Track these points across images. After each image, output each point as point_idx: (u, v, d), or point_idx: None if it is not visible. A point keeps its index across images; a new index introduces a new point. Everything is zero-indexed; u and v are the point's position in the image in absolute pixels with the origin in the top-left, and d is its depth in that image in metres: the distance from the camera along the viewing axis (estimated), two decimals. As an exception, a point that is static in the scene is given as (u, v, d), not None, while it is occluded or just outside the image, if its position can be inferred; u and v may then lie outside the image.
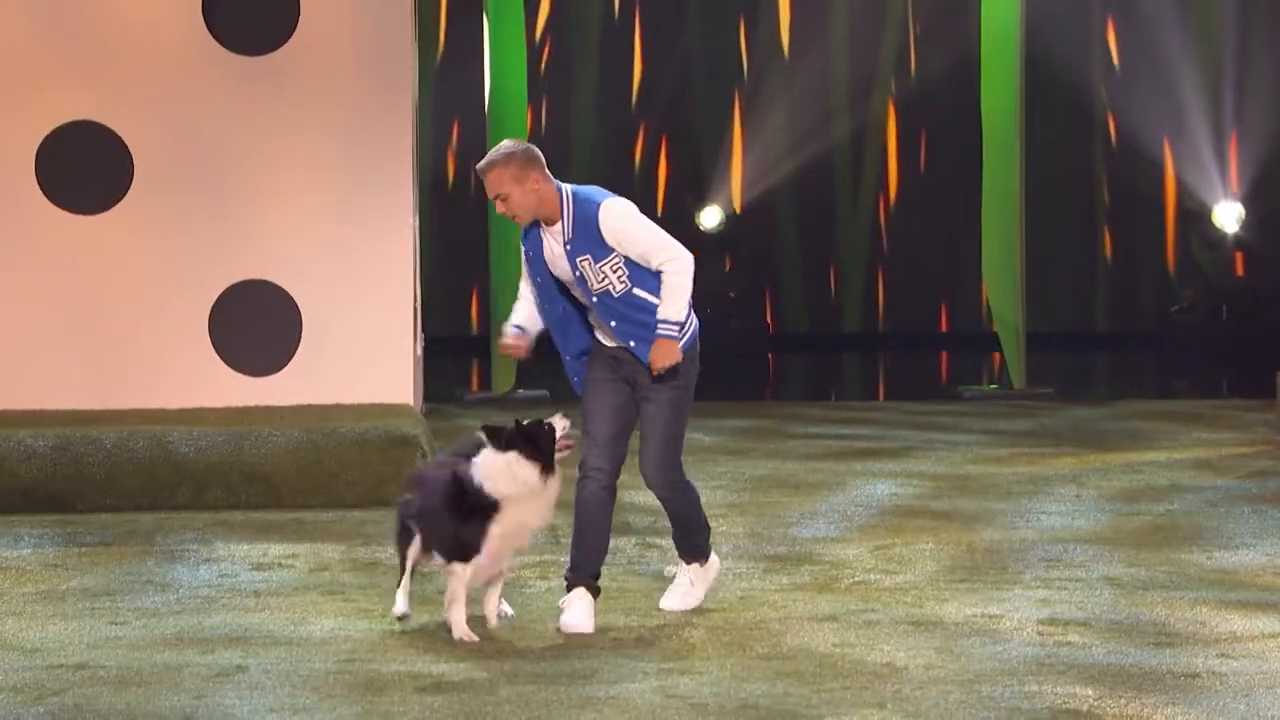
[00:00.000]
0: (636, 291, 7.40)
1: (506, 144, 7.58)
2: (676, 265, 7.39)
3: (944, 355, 20.67)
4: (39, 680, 6.71)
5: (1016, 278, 16.17)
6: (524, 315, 7.66)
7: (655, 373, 7.44)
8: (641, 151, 20.80)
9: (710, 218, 20.31)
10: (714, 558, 7.98)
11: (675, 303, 7.39)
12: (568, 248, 7.40)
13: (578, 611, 7.50)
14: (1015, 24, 16.07)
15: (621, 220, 7.37)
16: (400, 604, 7.51)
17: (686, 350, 7.49)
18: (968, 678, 6.72)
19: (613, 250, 7.37)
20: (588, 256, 7.38)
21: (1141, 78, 20.51)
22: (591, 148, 20.59)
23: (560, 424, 7.35)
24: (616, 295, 7.40)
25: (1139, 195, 20.81)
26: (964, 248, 19.73)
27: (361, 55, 11.64)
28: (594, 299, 7.44)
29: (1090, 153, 20.83)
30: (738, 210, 20.67)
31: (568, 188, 7.49)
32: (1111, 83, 20.76)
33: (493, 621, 7.46)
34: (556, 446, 7.32)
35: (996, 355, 17.52)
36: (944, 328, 21.08)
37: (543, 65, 20.43)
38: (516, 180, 7.43)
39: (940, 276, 20.84)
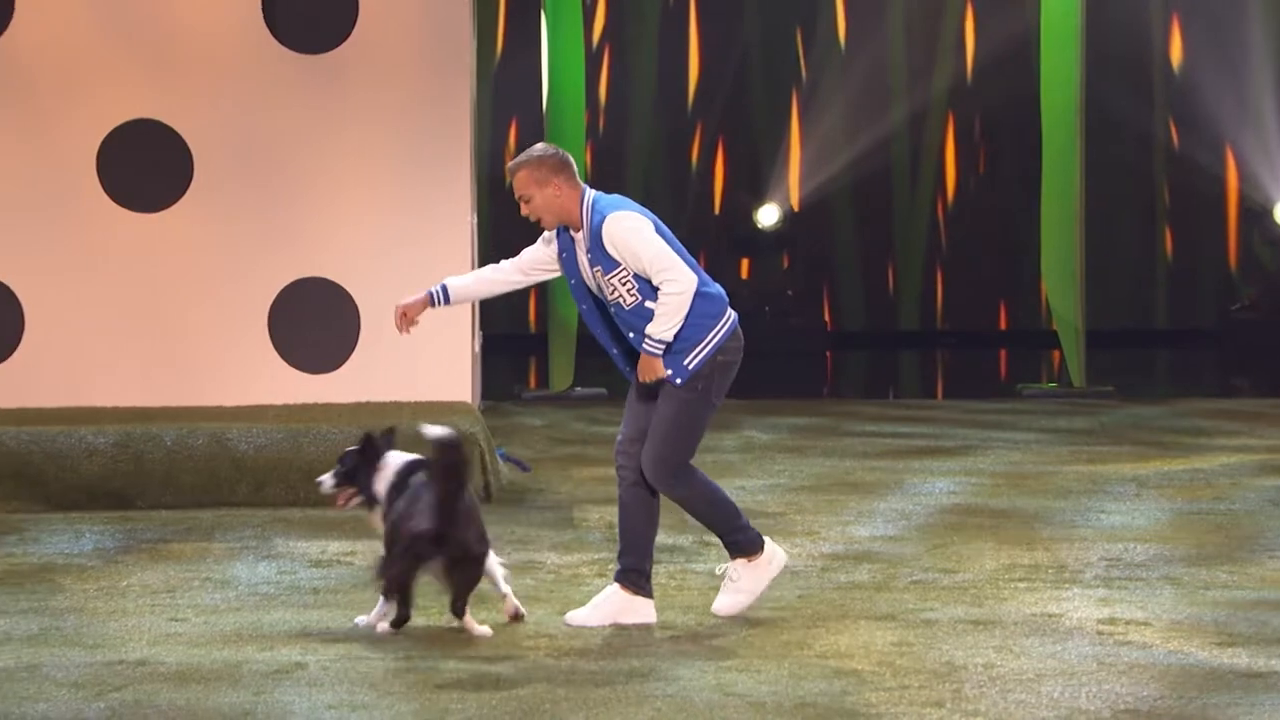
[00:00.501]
0: (648, 304, 7.38)
1: (537, 147, 7.61)
2: (673, 286, 7.33)
3: (1003, 353, 20.58)
4: (100, 676, 6.74)
5: (1076, 275, 16.08)
6: (465, 280, 7.78)
7: (642, 383, 7.47)
8: (699, 150, 20.77)
9: (768, 216, 20.27)
10: (770, 553, 7.72)
11: (664, 321, 7.33)
12: (588, 256, 7.45)
13: (589, 605, 7.56)
14: (1075, 19, 15.98)
15: (624, 234, 7.35)
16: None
17: (706, 361, 7.41)
18: (1027, 677, 6.68)
19: (619, 264, 7.37)
20: (599, 268, 7.42)
21: (1204, 74, 20.38)
22: (649, 147, 20.58)
23: None
24: (628, 308, 7.41)
25: (1200, 192, 20.67)
26: (1023, 245, 19.63)
27: (420, 54, 11.66)
28: (611, 309, 7.48)
29: (1151, 149, 20.70)
30: (795, 208, 20.62)
31: (592, 196, 7.49)
32: (1173, 78, 20.62)
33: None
34: None
35: (1056, 353, 17.44)
36: (1003, 325, 20.98)
37: (601, 65, 20.43)
38: (539, 184, 7.46)
39: (999, 274, 20.74)
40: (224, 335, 11.56)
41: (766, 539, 7.73)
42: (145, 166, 11.50)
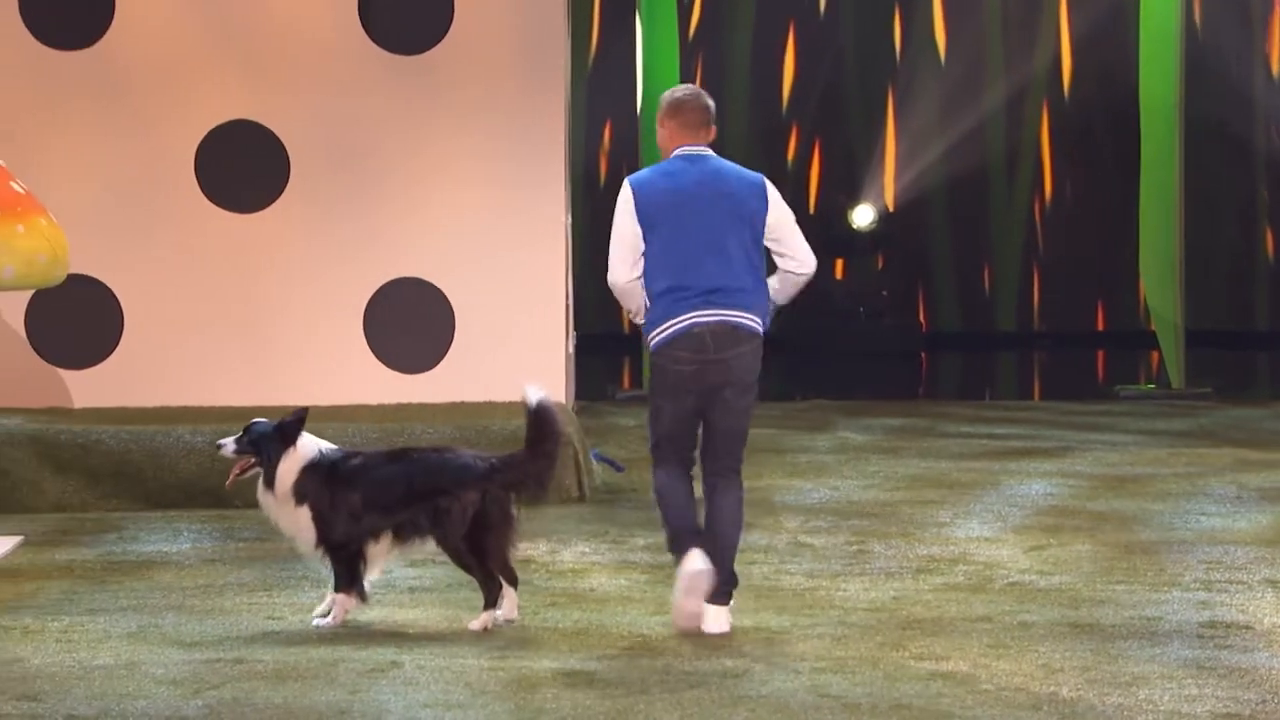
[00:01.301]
0: None
1: (678, 88, 7.57)
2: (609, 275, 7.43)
3: (1100, 354, 20.43)
4: (197, 674, 6.80)
5: (1175, 275, 15.95)
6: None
7: None
8: (794, 150, 20.74)
9: (863, 216, 20.22)
10: (681, 567, 7.31)
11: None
12: None
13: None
14: (1175, 18, 15.85)
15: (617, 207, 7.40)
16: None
17: (653, 355, 7.43)
18: (1125, 680, 6.64)
19: None
20: None
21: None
22: (745, 147, 20.54)
23: None
24: None
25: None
26: (1121, 245, 19.47)
27: (515, 54, 11.69)
28: None
29: (1251, 147, 20.49)
30: (890, 208, 20.56)
31: (675, 154, 7.41)
32: (1274, 74, 20.41)
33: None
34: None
35: (1154, 354, 17.30)
36: (1100, 326, 20.83)
37: (695, 64, 20.43)
38: (659, 123, 7.48)
39: (1097, 274, 20.60)
40: (319, 335, 11.64)
41: (691, 553, 7.31)
42: (242, 167, 11.59)
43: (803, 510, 10.34)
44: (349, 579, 7.52)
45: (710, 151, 7.43)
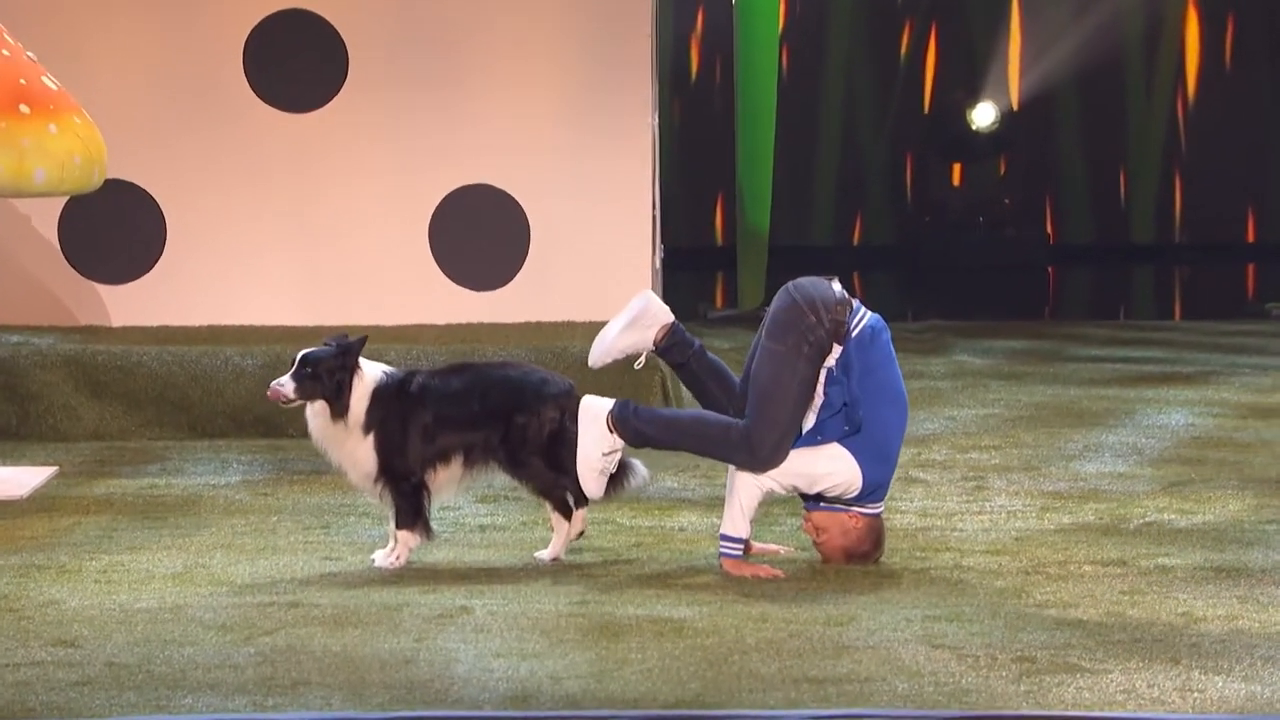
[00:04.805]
0: None
1: None
2: None
3: (1250, 268, 20.28)
4: (249, 618, 6.87)
5: (1333, 181, 15.81)
6: None
7: None
8: (908, 41, 20.60)
9: (983, 116, 20.08)
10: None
11: None
12: None
13: None
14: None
15: None
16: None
17: None
18: (1275, 629, 6.61)
19: None
20: None
21: None
22: (851, 37, 20.42)
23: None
24: None
25: None
26: (1273, 149, 19.27)
27: (596, -65, 11.67)
28: None
29: None
30: (1015, 107, 20.42)
31: None
32: None
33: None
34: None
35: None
36: (1250, 238, 20.67)
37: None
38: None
39: (1246, 181, 20.42)
40: (381, 247, 11.68)
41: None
42: (295, 62, 11.62)
43: (915, 442, 10.31)
44: (413, 513, 7.57)
45: None
